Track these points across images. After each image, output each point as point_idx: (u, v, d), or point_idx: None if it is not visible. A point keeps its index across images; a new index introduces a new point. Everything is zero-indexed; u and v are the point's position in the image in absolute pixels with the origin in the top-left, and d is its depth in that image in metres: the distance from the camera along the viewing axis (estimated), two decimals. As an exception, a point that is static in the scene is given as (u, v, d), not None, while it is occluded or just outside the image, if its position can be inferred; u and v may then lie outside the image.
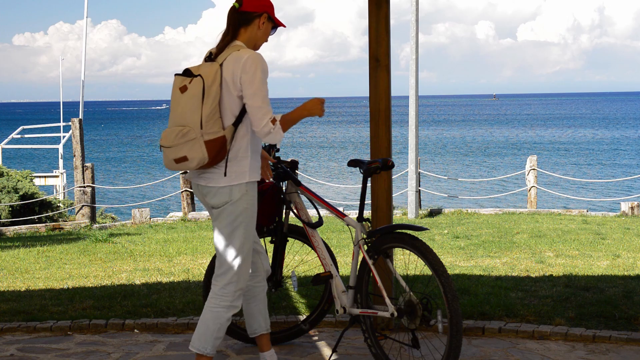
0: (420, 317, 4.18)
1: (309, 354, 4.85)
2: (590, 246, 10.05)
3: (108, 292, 6.84)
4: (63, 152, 23.93)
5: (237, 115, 3.89)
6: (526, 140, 61.43)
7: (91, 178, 16.87)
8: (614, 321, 5.46)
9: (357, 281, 4.50)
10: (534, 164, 16.13)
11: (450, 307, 4.07)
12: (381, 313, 4.37)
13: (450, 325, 4.10)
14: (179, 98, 3.84)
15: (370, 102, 5.25)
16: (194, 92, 3.80)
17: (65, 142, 23.67)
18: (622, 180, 26.32)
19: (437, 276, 4.14)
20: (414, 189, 15.15)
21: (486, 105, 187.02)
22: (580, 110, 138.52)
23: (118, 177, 40.32)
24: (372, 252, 4.40)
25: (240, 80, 3.83)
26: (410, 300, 4.22)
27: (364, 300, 4.51)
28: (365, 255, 4.40)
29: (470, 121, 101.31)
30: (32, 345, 5.16)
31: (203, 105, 3.78)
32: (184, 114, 3.81)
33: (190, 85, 3.82)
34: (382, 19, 5.20)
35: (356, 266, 4.54)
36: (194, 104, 3.79)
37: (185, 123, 3.80)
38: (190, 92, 3.81)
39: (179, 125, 3.82)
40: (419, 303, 4.19)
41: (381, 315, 4.37)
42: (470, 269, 8.15)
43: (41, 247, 11.10)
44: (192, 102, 3.79)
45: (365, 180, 4.49)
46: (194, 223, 14.65)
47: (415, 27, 15.12)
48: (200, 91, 3.78)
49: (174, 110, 3.86)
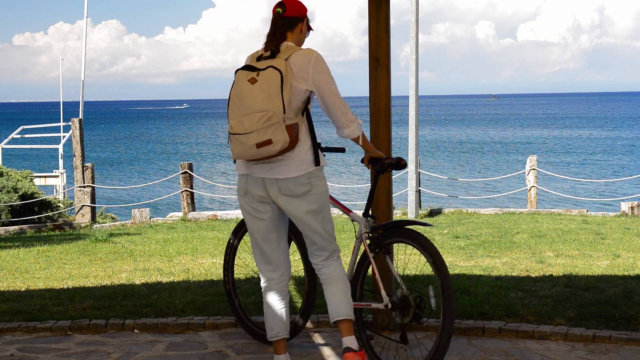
0: (412, 314, 4.31)
1: (309, 354, 4.85)
2: (590, 246, 10.05)
3: (108, 292, 6.84)
4: (63, 152, 23.94)
5: (300, 106, 4.12)
6: (526, 140, 61.43)
7: (91, 178, 16.87)
8: (614, 321, 5.46)
9: (355, 275, 4.59)
10: (534, 164, 16.13)
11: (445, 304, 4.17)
12: (375, 305, 4.50)
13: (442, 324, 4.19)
14: (251, 89, 4.01)
15: (370, 102, 5.25)
16: (270, 82, 3.98)
17: (65, 142, 23.67)
18: (622, 180, 26.33)
19: (437, 271, 4.25)
20: (414, 189, 15.15)
21: (486, 105, 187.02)
22: (581, 110, 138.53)
23: (118, 177, 40.33)
24: (374, 246, 4.48)
25: (311, 76, 4.10)
26: (405, 297, 4.33)
27: (359, 295, 4.58)
28: (366, 248, 4.48)
29: (470, 121, 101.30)
30: (32, 345, 5.16)
31: (283, 93, 3.98)
32: (263, 101, 3.98)
33: (262, 76, 4.01)
34: (382, 19, 5.20)
35: (355, 260, 4.63)
36: (273, 92, 3.97)
37: (267, 109, 3.97)
38: (264, 82, 3.99)
39: (260, 111, 3.97)
40: (413, 300, 4.32)
41: (374, 307, 4.50)
42: (470, 269, 8.15)
43: (41, 247, 11.10)
44: (270, 90, 3.97)
45: (377, 177, 4.56)
46: (194, 223, 14.65)
47: (415, 27, 15.12)
48: (279, 80, 3.97)
49: (246, 99, 4.01)
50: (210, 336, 5.25)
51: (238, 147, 4.04)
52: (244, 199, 4.27)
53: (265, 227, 4.28)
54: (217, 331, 5.37)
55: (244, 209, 4.30)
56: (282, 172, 4.12)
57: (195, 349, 5.01)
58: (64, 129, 25.34)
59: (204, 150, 58.23)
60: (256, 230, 4.31)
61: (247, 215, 4.30)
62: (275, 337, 4.35)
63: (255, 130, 3.96)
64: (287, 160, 4.10)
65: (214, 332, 5.33)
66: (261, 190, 4.19)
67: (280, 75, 3.98)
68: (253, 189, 4.20)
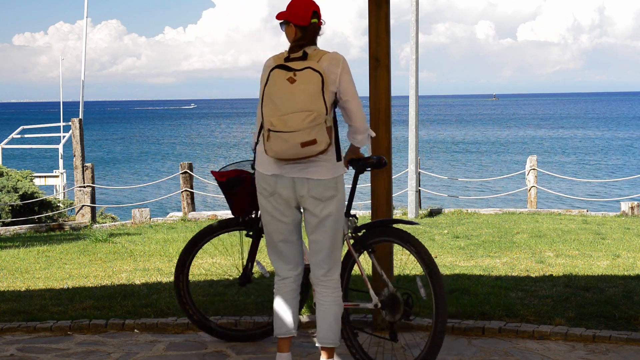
0: (401, 312, 4.35)
1: (308, 354, 4.85)
2: (590, 246, 10.05)
3: (108, 292, 6.84)
4: (63, 152, 23.94)
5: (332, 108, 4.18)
6: (526, 140, 61.43)
7: (91, 178, 16.88)
8: (614, 321, 5.46)
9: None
10: (534, 164, 16.13)
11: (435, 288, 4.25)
12: (363, 305, 4.52)
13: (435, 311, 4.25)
14: (291, 88, 4.03)
15: (370, 102, 5.25)
16: (311, 82, 4.02)
17: (65, 142, 23.67)
18: (621, 180, 26.31)
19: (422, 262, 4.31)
20: (414, 189, 15.15)
21: (486, 105, 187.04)
22: (581, 110, 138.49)
23: (118, 177, 40.33)
24: (359, 246, 4.49)
25: (339, 79, 4.16)
26: (392, 295, 4.37)
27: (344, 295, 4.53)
28: (351, 249, 4.49)
29: (470, 121, 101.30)
30: (32, 345, 5.16)
31: (325, 95, 4.03)
32: (306, 102, 4.01)
33: (301, 76, 4.04)
34: (382, 19, 5.20)
35: None
36: (315, 93, 4.02)
37: (311, 109, 4.00)
38: (304, 82, 4.03)
39: (305, 111, 4.00)
40: (401, 297, 4.36)
41: (363, 307, 4.53)
42: (470, 269, 8.15)
43: (41, 247, 11.10)
44: (312, 91, 4.02)
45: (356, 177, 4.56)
46: (194, 223, 14.65)
47: (415, 27, 15.12)
48: (320, 82, 4.03)
49: (286, 98, 4.02)
50: (210, 336, 5.25)
51: (279, 145, 4.02)
52: (268, 200, 4.23)
53: (288, 230, 4.28)
54: (217, 331, 5.36)
55: (266, 210, 4.26)
56: (315, 173, 4.14)
57: (195, 349, 5.01)
58: (64, 129, 25.34)
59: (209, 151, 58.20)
60: (277, 232, 4.28)
61: (269, 217, 4.26)
62: (285, 335, 4.33)
63: (301, 129, 3.99)
64: (321, 162, 4.14)
65: (214, 332, 5.32)
66: (289, 190, 4.17)
67: (321, 78, 4.04)
68: (281, 190, 4.18)
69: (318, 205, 4.18)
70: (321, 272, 4.29)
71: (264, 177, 4.21)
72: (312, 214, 4.20)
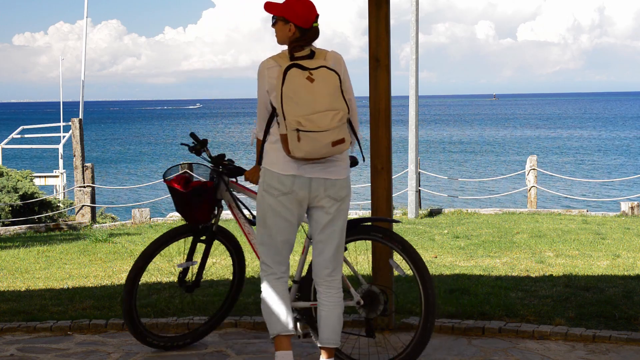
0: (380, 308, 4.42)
1: (308, 354, 4.85)
2: (590, 246, 10.05)
3: (108, 292, 6.84)
4: (63, 152, 23.93)
5: None
6: (526, 140, 61.43)
7: (91, 178, 16.88)
8: (614, 321, 5.46)
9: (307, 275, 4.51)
10: (534, 164, 16.14)
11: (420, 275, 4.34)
12: (345, 303, 4.44)
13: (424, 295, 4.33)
14: (311, 87, 4.00)
15: (370, 102, 5.25)
16: (329, 81, 4.03)
17: (65, 142, 23.67)
18: (621, 180, 26.32)
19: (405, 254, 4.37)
20: (414, 189, 15.15)
21: (486, 105, 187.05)
22: (581, 110, 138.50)
23: (118, 177, 40.33)
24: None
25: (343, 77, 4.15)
26: (369, 291, 4.43)
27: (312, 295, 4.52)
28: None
29: (470, 121, 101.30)
30: (32, 345, 5.15)
31: (344, 93, 4.06)
32: (330, 101, 4.01)
33: (318, 75, 4.02)
34: (382, 19, 5.20)
35: (304, 260, 4.54)
36: (335, 91, 4.03)
37: (336, 108, 4.01)
38: (323, 81, 4.02)
39: (330, 110, 4.00)
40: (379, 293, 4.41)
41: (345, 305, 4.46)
42: (470, 269, 8.15)
43: (41, 247, 11.10)
44: (332, 90, 4.02)
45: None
46: (194, 223, 14.64)
47: (415, 27, 15.12)
48: (337, 80, 4.04)
49: (308, 97, 3.98)
50: (210, 336, 5.25)
51: (310, 145, 3.96)
52: (278, 199, 4.11)
53: (292, 230, 4.21)
54: (217, 331, 5.37)
55: (273, 210, 4.14)
56: (335, 173, 4.14)
57: (195, 349, 5.01)
58: (64, 129, 25.35)
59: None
60: (281, 232, 4.19)
61: (276, 217, 4.16)
62: (284, 332, 4.25)
63: (331, 128, 3.98)
64: (338, 161, 4.15)
65: (214, 332, 5.32)
66: (305, 191, 4.11)
67: (338, 77, 4.06)
68: (298, 189, 4.10)
69: (333, 205, 4.16)
70: (326, 272, 4.27)
71: (279, 177, 4.09)
72: (324, 213, 4.17)
